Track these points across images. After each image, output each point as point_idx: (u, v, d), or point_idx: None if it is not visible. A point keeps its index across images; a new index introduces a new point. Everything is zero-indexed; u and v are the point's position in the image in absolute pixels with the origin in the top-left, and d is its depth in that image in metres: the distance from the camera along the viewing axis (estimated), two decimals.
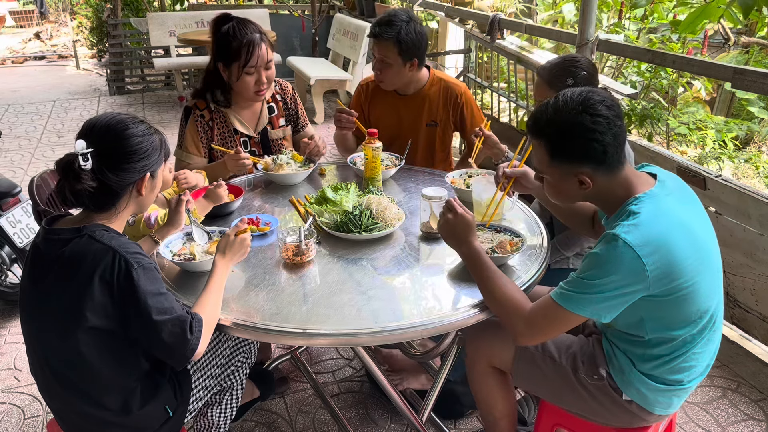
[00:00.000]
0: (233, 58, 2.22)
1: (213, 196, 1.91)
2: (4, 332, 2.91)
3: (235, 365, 1.80)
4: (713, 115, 4.83)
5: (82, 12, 10.35)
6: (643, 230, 1.33)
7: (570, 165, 1.41)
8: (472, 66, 5.10)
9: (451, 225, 1.61)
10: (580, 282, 1.38)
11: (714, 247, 1.49)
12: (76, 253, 1.36)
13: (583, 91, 1.41)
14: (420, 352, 2.14)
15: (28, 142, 5.86)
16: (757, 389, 2.44)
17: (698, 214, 1.49)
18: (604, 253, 1.35)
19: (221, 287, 1.54)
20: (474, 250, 1.57)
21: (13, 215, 2.91)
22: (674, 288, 1.35)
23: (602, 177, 1.41)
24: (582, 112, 1.36)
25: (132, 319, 1.37)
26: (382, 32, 2.37)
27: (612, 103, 1.39)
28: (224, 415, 1.84)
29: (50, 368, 1.46)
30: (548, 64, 2.11)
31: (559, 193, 1.51)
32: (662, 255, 1.32)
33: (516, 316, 1.45)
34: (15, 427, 2.32)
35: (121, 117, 1.44)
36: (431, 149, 2.64)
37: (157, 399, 1.52)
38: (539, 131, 1.44)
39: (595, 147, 1.36)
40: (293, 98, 2.57)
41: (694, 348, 1.46)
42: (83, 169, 1.35)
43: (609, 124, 1.36)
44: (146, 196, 1.50)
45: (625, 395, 1.51)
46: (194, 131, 2.36)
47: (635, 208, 1.38)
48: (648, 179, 1.47)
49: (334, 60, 6.91)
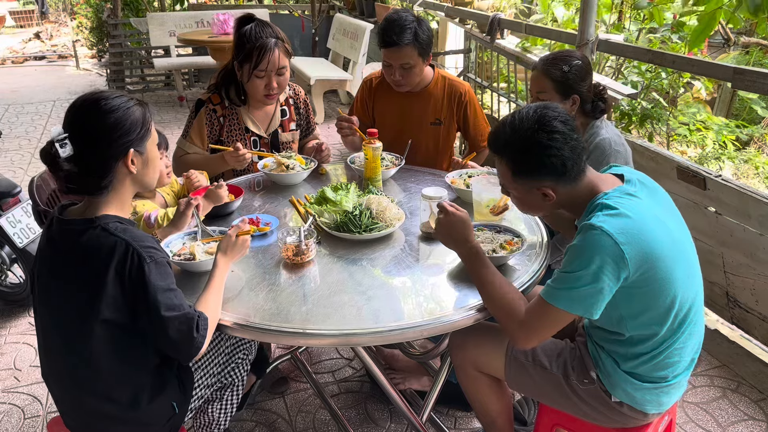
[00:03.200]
0: (245, 59, 2.24)
1: (213, 197, 1.92)
2: (4, 332, 2.91)
3: (236, 362, 1.81)
4: (714, 116, 4.83)
5: (82, 12, 10.35)
6: (619, 219, 1.36)
7: (532, 180, 1.46)
8: (472, 66, 5.10)
9: (446, 226, 1.61)
10: (564, 277, 1.39)
11: (688, 240, 1.52)
12: (90, 246, 1.36)
13: (538, 107, 1.45)
14: (420, 353, 2.14)
15: (28, 142, 5.86)
16: (757, 389, 2.44)
17: (669, 209, 1.52)
18: (582, 243, 1.37)
19: (222, 286, 1.55)
20: (472, 250, 1.57)
21: (13, 215, 2.91)
22: (651, 277, 1.37)
23: (564, 188, 1.46)
24: (538, 129, 1.40)
25: (141, 312, 1.37)
26: (400, 40, 2.34)
27: (566, 117, 1.43)
28: (225, 412, 1.85)
29: (63, 361, 1.46)
30: (543, 57, 2.18)
31: (526, 206, 1.56)
32: (639, 241, 1.35)
33: (511, 320, 1.46)
34: (15, 427, 2.32)
35: (96, 94, 1.38)
36: (435, 148, 2.64)
37: (165, 394, 1.53)
38: (499, 150, 1.48)
39: (554, 162, 1.40)
40: (305, 103, 2.59)
41: (675, 344, 1.47)
42: (62, 156, 1.32)
43: (565, 138, 1.40)
44: (140, 172, 1.44)
45: (614, 397, 1.52)
46: (202, 123, 2.37)
47: (608, 201, 1.41)
48: (614, 180, 1.51)
49: (334, 60, 6.91)
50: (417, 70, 2.45)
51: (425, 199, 1.87)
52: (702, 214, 2.59)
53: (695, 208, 2.61)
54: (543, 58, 2.16)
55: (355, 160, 2.43)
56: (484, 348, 1.70)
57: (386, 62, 2.45)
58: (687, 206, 2.65)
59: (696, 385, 2.46)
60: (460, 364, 1.75)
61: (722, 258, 2.56)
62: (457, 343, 1.74)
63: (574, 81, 2.06)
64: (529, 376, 1.63)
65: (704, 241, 2.62)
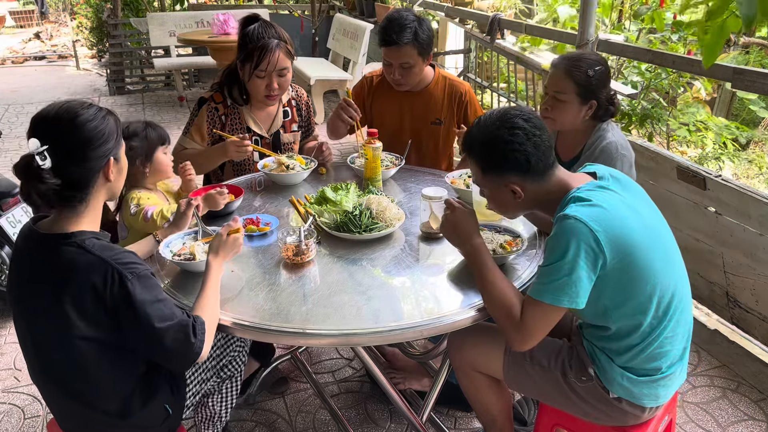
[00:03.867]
0: (247, 58, 2.25)
1: (211, 201, 1.92)
2: (4, 332, 2.91)
3: (231, 356, 1.80)
4: (714, 117, 4.83)
5: (82, 12, 10.35)
6: (592, 208, 1.40)
7: (499, 176, 1.51)
8: (472, 66, 5.11)
9: (451, 222, 1.63)
10: (546, 270, 1.42)
11: (664, 228, 1.54)
12: (66, 264, 1.32)
13: (501, 108, 1.54)
14: (420, 352, 2.14)
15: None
16: (757, 389, 2.44)
17: (643, 199, 1.55)
18: (557, 233, 1.41)
19: (218, 287, 1.54)
20: (475, 249, 1.58)
21: (13, 215, 2.91)
22: (628, 264, 1.40)
23: (532, 184, 1.50)
24: (500, 126, 1.47)
25: (130, 330, 1.34)
26: (399, 39, 2.33)
27: (530, 116, 1.49)
28: (225, 404, 1.84)
29: (47, 374, 1.45)
30: (566, 56, 2.08)
31: (499, 205, 1.60)
32: (612, 227, 1.39)
33: (509, 323, 1.47)
34: (15, 427, 2.32)
35: (68, 105, 1.35)
36: (435, 147, 2.64)
37: (156, 399, 1.52)
38: (469, 149, 1.55)
39: (517, 157, 1.46)
40: (307, 105, 2.60)
41: (664, 332, 1.48)
42: (43, 169, 1.28)
43: (527, 134, 1.45)
44: (115, 181, 1.43)
45: (612, 393, 1.53)
46: (203, 120, 2.37)
47: (580, 194, 1.45)
48: (586, 177, 1.55)
49: (334, 60, 6.91)
50: (417, 70, 2.44)
51: (425, 199, 1.87)
52: (702, 214, 2.59)
53: (695, 208, 2.61)
54: (566, 57, 2.07)
55: (355, 160, 2.43)
56: (482, 348, 1.70)
57: (386, 61, 2.45)
58: (687, 206, 2.65)
59: (696, 385, 2.46)
60: (458, 364, 1.76)
61: (722, 258, 2.56)
62: (456, 343, 1.74)
63: (596, 87, 1.99)
64: (528, 376, 1.63)
65: (704, 241, 2.62)
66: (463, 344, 1.73)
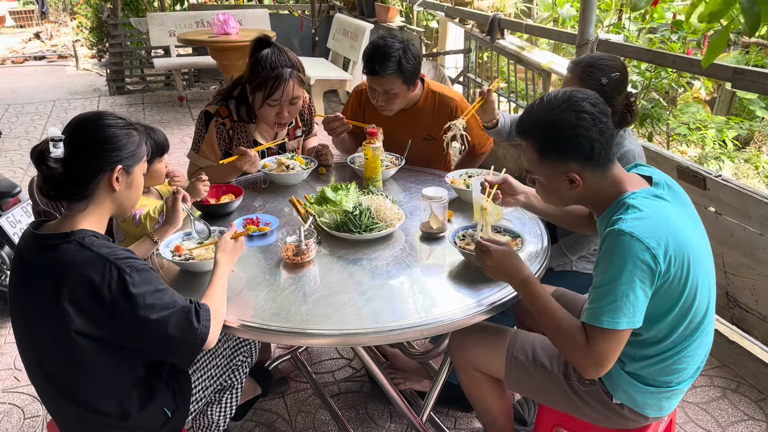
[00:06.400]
0: (259, 86, 2.21)
1: (192, 190, 1.93)
2: (4, 332, 2.91)
3: (236, 364, 1.80)
4: (714, 116, 4.83)
5: (82, 12, 10.35)
6: (647, 221, 1.34)
7: (558, 162, 1.42)
8: (472, 66, 5.11)
9: (494, 266, 1.54)
10: (601, 292, 1.35)
11: (707, 249, 1.50)
12: (65, 261, 1.33)
13: (567, 90, 1.44)
14: (420, 352, 2.14)
15: (28, 142, 5.86)
16: (757, 389, 2.44)
17: (692, 217, 1.50)
18: (612, 250, 1.34)
19: (225, 283, 1.54)
20: (524, 282, 1.50)
21: (13, 215, 2.91)
22: (680, 277, 1.35)
23: (591, 174, 1.42)
24: (566, 109, 1.38)
25: (132, 324, 1.34)
26: (382, 69, 2.27)
27: (597, 101, 1.41)
28: (224, 414, 1.84)
29: (45, 375, 1.45)
30: (581, 60, 2.02)
31: (551, 193, 1.51)
32: (668, 241, 1.33)
33: (576, 349, 1.39)
34: (15, 427, 2.32)
35: (103, 111, 1.45)
36: (429, 161, 2.58)
37: (155, 402, 1.52)
38: (526, 132, 1.45)
39: (582, 143, 1.37)
40: (309, 108, 2.59)
41: (686, 351, 1.45)
42: (51, 156, 1.34)
43: (594, 120, 1.37)
44: (122, 193, 1.44)
45: (615, 399, 1.51)
46: (213, 137, 2.34)
47: (633, 201, 1.38)
48: (640, 180, 1.48)
49: (334, 60, 6.91)
50: (401, 97, 2.39)
51: (425, 199, 1.87)
52: (702, 214, 2.57)
53: (695, 208, 2.61)
54: (580, 62, 2.01)
55: (355, 160, 2.43)
56: (484, 348, 1.70)
57: (370, 87, 2.41)
58: None
59: (696, 385, 2.46)
60: (460, 364, 1.75)
61: (722, 258, 2.56)
62: (458, 342, 1.74)
63: (610, 95, 1.90)
64: (529, 377, 1.62)
65: None
66: (465, 343, 1.72)
